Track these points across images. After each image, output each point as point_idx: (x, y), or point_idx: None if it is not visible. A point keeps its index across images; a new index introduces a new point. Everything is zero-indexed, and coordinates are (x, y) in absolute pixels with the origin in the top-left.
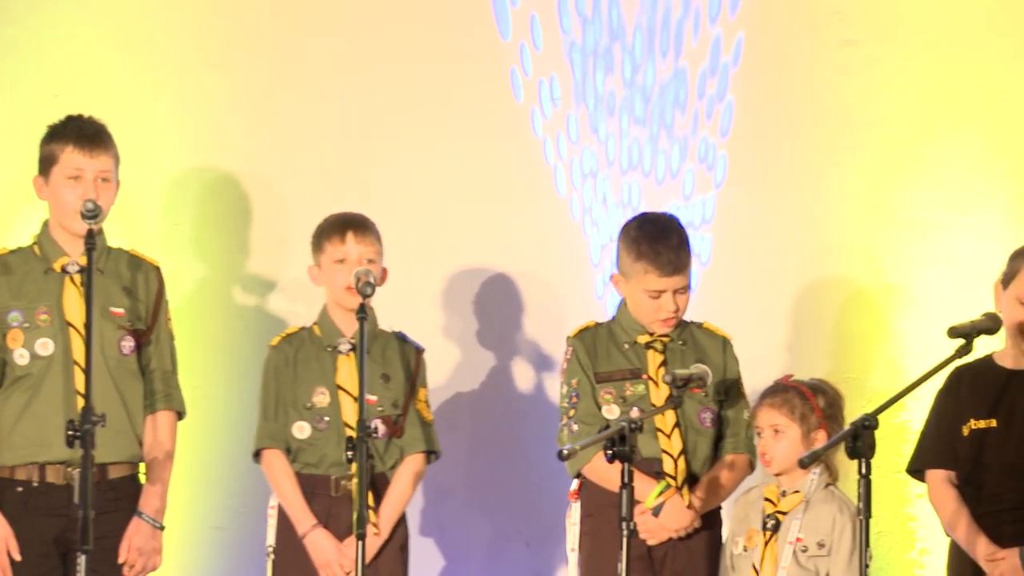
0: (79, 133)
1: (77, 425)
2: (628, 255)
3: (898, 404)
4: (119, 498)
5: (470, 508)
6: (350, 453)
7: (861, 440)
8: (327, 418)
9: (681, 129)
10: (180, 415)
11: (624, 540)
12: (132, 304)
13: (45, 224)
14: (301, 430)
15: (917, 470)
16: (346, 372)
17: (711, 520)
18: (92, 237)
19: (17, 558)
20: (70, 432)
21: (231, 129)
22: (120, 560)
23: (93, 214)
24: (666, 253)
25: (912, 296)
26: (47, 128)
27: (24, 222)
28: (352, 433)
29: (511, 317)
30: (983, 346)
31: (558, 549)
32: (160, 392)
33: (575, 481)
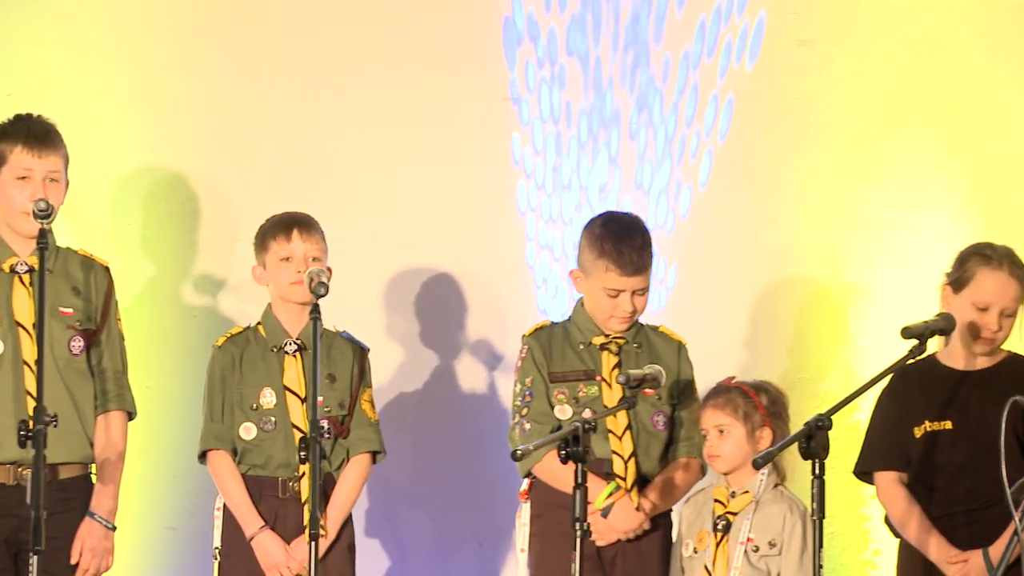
0: (28, 133)
1: (30, 425)
2: (590, 252)
3: (852, 405)
4: (70, 499)
5: (416, 508)
6: (303, 453)
7: (815, 441)
8: (273, 419)
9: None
10: (131, 415)
11: (577, 540)
12: (82, 304)
13: None
14: (247, 431)
15: (865, 472)
16: (292, 373)
17: (662, 521)
18: (44, 236)
19: None
20: (22, 432)
21: (181, 129)
22: (72, 561)
23: (46, 213)
24: (628, 253)
25: (868, 296)
26: None
27: None
28: (301, 433)
29: (454, 317)
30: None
31: (508, 549)
32: (112, 392)
33: (525, 481)
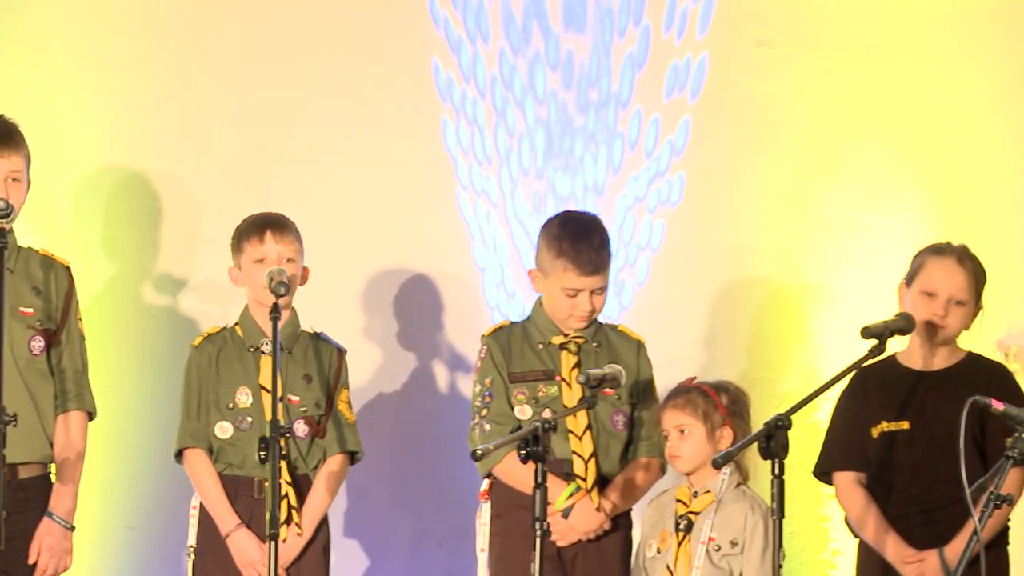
0: None
1: None
2: (548, 251)
3: (812, 404)
4: (29, 498)
5: (393, 508)
6: (263, 453)
7: (774, 440)
8: (249, 418)
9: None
10: (91, 415)
11: (537, 540)
12: (42, 304)
13: None
14: (223, 430)
15: (824, 472)
16: (268, 372)
17: (622, 522)
18: (4, 236)
19: None
20: None
21: (142, 129)
22: (31, 561)
23: (6, 213)
24: (587, 252)
25: (828, 295)
26: None
27: None
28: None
29: (432, 318)
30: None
31: (473, 549)
32: (72, 392)
33: (485, 481)
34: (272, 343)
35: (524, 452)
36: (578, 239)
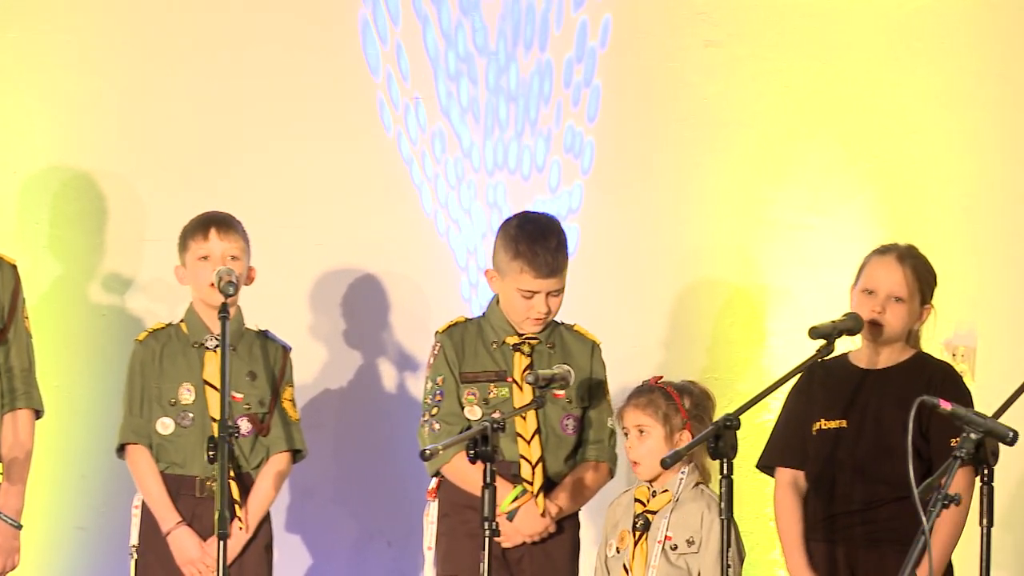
0: None
1: None
2: (505, 252)
3: (762, 404)
4: None
5: (336, 507)
6: (211, 452)
7: (723, 440)
8: (191, 415)
9: (545, 122)
10: (39, 413)
11: (486, 540)
12: None
13: None
14: (164, 426)
15: (767, 466)
16: (213, 368)
17: (569, 523)
18: None
19: None
20: None
21: (88, 128)
22: None
23: None
24: (543, 255)
25: (779, 296)
26: None
27: None
28: (215, 431)
29: (378, 316)
30: (844, 346)
31: (420, 547)
32: (19, 390)
33: (433, 480)
34: (221, 343)
35: (473, 452)
36: (535, 241)
